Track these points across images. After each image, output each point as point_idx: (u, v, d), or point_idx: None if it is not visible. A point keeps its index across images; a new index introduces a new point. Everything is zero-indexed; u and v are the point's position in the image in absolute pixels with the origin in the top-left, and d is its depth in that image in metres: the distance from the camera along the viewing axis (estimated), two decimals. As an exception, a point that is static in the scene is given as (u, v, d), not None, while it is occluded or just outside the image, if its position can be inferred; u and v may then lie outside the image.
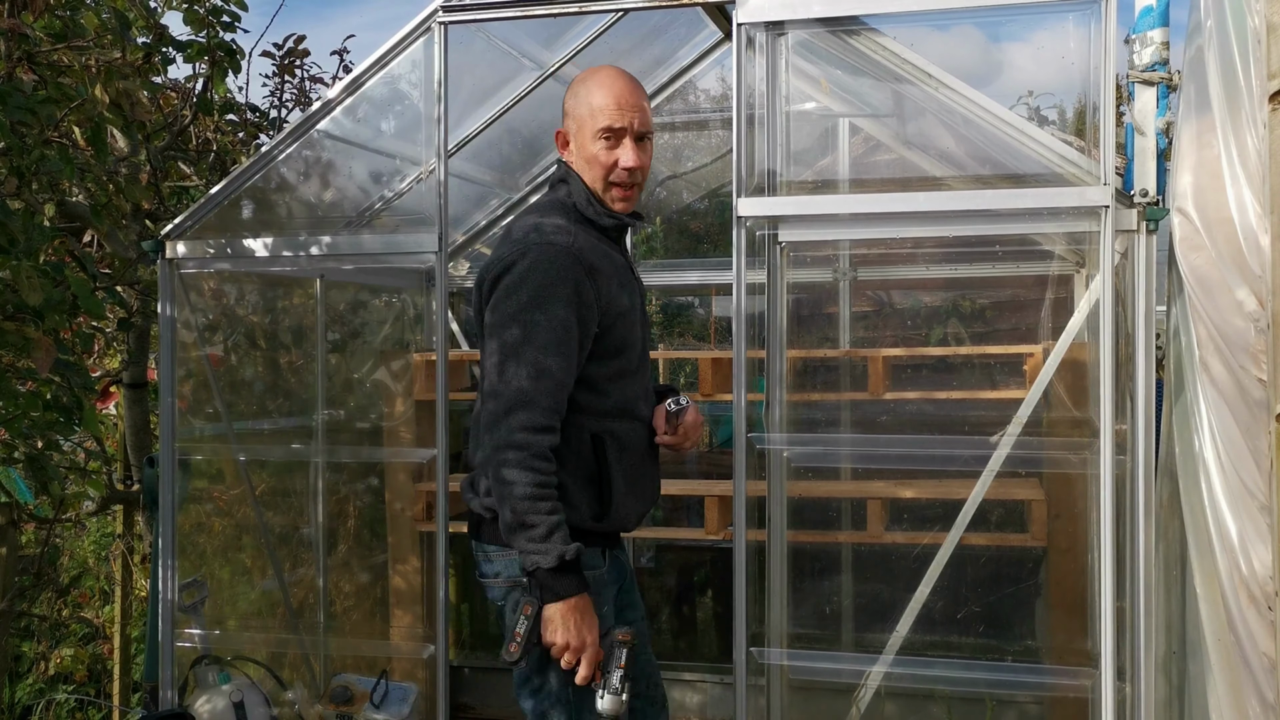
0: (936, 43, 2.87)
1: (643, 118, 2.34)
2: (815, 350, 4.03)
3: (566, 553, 2.12)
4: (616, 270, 2.32)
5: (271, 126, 4.87)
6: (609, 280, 2.27)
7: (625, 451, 2.32)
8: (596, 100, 2.31)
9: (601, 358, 2.27)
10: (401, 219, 3.79)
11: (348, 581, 4.23)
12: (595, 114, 2.31)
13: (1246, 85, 2.39)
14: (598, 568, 2.31)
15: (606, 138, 2.30)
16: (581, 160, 2.35)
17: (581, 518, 2.27)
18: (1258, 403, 2.38)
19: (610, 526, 2.34)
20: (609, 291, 2.27)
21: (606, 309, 2.26)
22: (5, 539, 3.82)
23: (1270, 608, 2.34)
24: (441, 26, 2.99)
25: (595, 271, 2.23)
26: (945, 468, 3.19)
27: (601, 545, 2.34)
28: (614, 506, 2.30)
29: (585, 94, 2.34)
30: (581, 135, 2.34)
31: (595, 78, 2.36)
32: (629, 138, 2.31)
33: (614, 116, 2.30)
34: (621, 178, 2.33)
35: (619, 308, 2.29)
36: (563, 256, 2.19)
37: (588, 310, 2.21)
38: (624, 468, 2.32)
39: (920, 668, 2.88)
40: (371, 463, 4.21)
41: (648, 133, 2.36)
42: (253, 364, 4.17)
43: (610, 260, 2.32)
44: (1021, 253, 3.74)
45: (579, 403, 2.25)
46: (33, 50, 3.07)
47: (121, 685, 4.42)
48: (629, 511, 2.36)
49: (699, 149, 4.96)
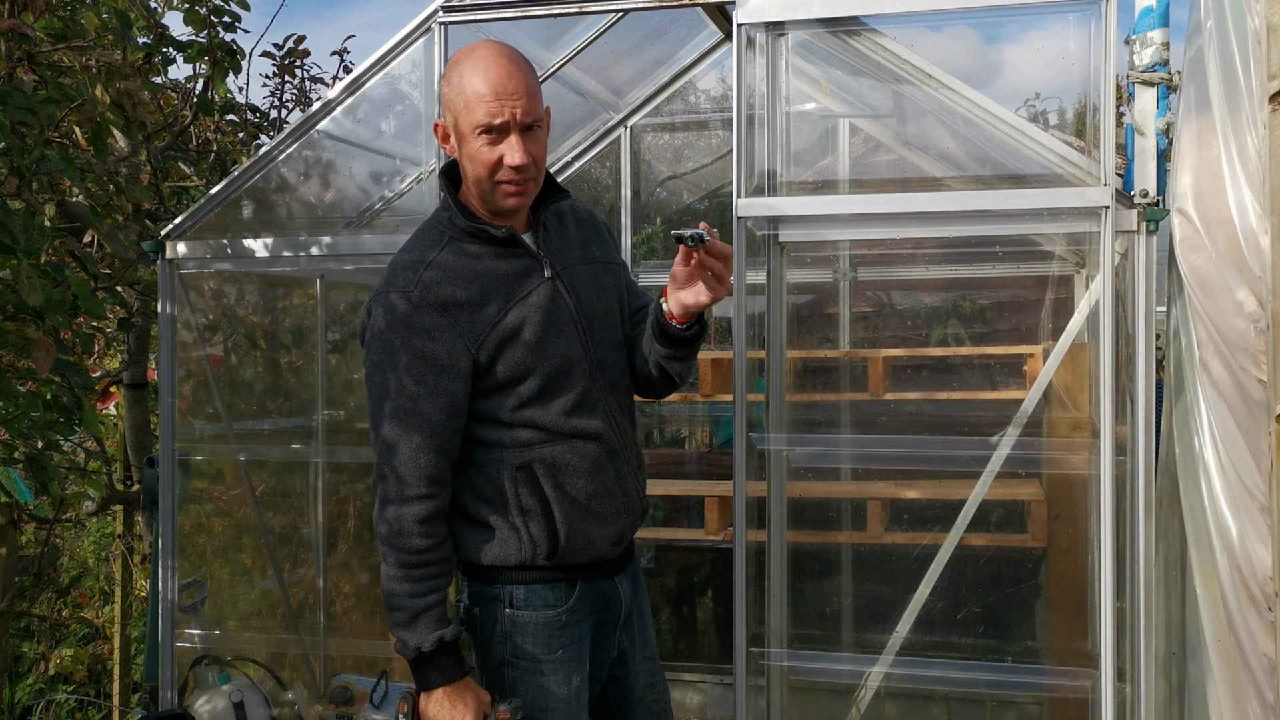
0: (936, 43, 2.87)
1: (527, 105, 2.01)
2: (815, 350, 4.04)
3: (424, 644, 1.99)
4: (502, 285, 2.07)
5: (272, 127, 4.88)
6: (479, 308, 2.04)
7: (566, 475, 2.10)
8: (470, 89, 2.01)
9: (499, 390, 2.07)
10: (401, 219, 3.78)
11: (348, 582, 4.23)
12: (470, 106, 2.00)
13: (1246, 86, 2.39)
14: (555, 607, 2.13)
15: (486, 133, 2.01)
16: (464, 158, 2.07)
17: (527, 556, 2.10)
18: (1258, 403, 2.38)
19: (570, 560, 2.12)
20: (480, 320, 2.04)
21: (481, 342, 2.04)
22: (5, 539, 3.82)
23: (1270, 608, 2.34)
24: (441, 27, 2.99)
25: (453, 307, 2.02)
26: (945, 468, 3.19)
27: (568, 578, 2.14)
28: (564, 539, 2.09)
29: (459, 80, 2.03)
30: (460, 130, 2.05)
31: (469, 60, 2.04)
32: (513, 133, 2.01)
33: (491, 111, 1.99)
34: (509, 176, 2.04)
35: (504, 332, 2.05)
36: (401, 306, 2.02)
37: (448, 355, 2.02)
38: (566, 493, 2.10)
39: (920, 668, 2.88)
40: (371, 463, 4.20)
41: (536, 120, 2.05)
42: (253, 364, 4.17)
43: (489, 279, 2.07)
44: (1021, 253, 3.74)
45: (491, 439, 2.09)
46: (33, 50, 3.07)
47: (121, 685, 4.42)
48: (591, 537, 2.13)
49: (699, 149, 4.96)
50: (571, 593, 2.15)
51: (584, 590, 2.17)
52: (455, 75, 2.05)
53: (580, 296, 2.16)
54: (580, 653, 2.17)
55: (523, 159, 2.02)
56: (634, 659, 2.30)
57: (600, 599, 2.21)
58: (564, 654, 2.14)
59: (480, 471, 2.11)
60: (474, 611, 2.17)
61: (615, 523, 2.17)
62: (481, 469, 2.11)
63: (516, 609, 2.13)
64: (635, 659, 2.30)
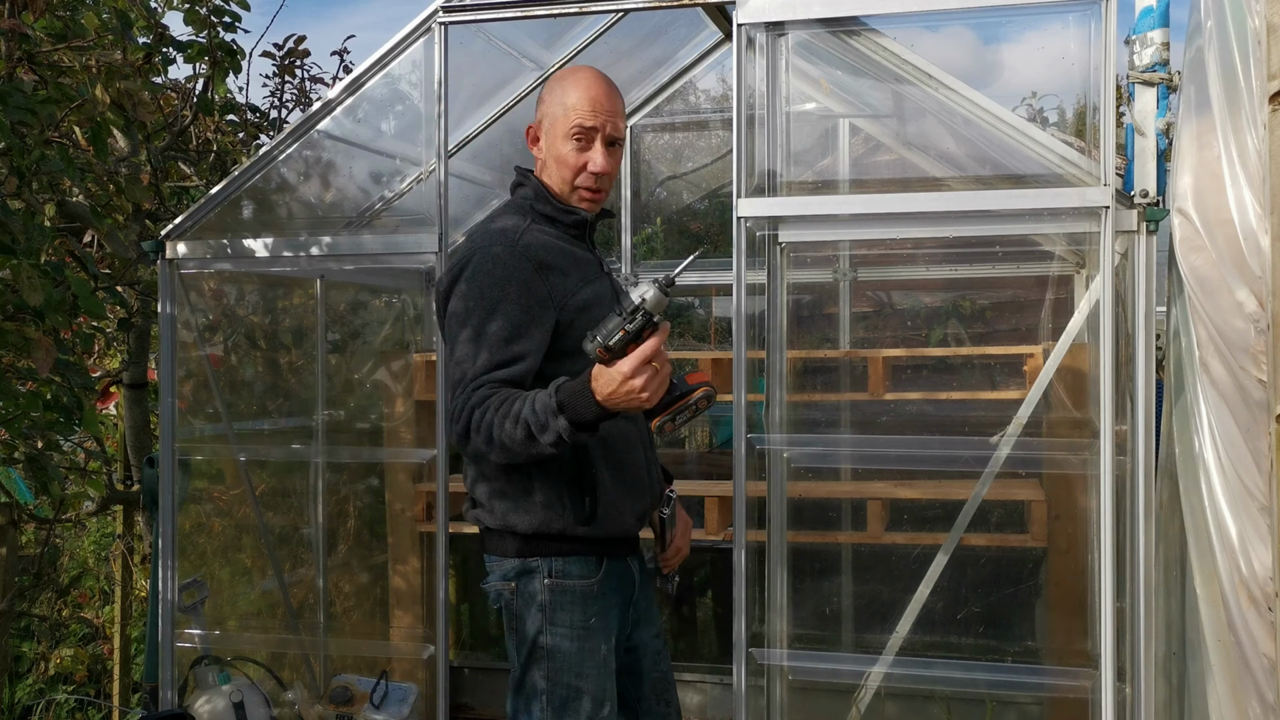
0: (936, 43, 2.87)
1: (615, 124, 2.31)
2: (815, 351, 4.04)
3: (548, 401, 2.02)
4: (577, 265, 2.29)
5: (272, 127, 4.88)
6: (564, 276, 2.24)
7: (609, 446, 2.26)
8: (572, 99, 2.28)
9: (569, 355, 2.19)
10: (402, 219, 3.78)
11: (348, 582, 4.23)
12: (569, 112, 2.28)
13: (1246, 86, 2.39)
14: (588, 577, 2.26)
15: (578, 137, 2.27)
16: (550, 158, 2.32)
17: (567, 524, 2.22)
18: (1258, 403, 2.38)
19: (603, 531, 2.26)
20: (564, 286, 2.23)
21: (563, 305, 2.22)
22: (5, 539, 3.82)
23: (1270, 608, 2.34)
24: (441, 27, 2.99)
25: (546, 268, 2.21)
26: (945, 468, 3.19)
27: (597, 553, 2.27)
28: (602, 506, 2.24)
29: (561, 91, 2.31)
30: (553, 133, 2.30)
31: (574, 76, 2.33)
32: (600, 140, 2.29)
33: (587, 115, 2.27)
34: (588, 182, 2.31)
35: (579, 302, 2.24)
36: (507, 255, 2.18)
37: (540, 305, 2.18)
38: (610, 463, 2.26)
39: (920, 668, 2.88)
40: (371, 463, 4.21)
41: (618, 139, 2.34)
42: (253, 364, 4.18)
43: (569, 256, 2.28)
44: (1021, 253, 3.74)
45: None
46: (33, 50, 3.07)
47: (121, 685, 4.42)
48: (623, 510, 2.29)
49: (699, 149, 4.96)
50: (600, 567, 2.29)
51: (609, 566, 2.31)
52: (559, 87, 2.32)
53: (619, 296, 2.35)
54: (609, 623, 2.32)
55: (604, 166, 2.30)
56: (643, 634, 2.46)
57: (620, 576, 2.36)
58: (596, 622, 2.28)
59: None
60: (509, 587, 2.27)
61: (641, 500, 2.35)
62: None
63: (555, 578, 2.25)
64: (644, 634, 2.47)
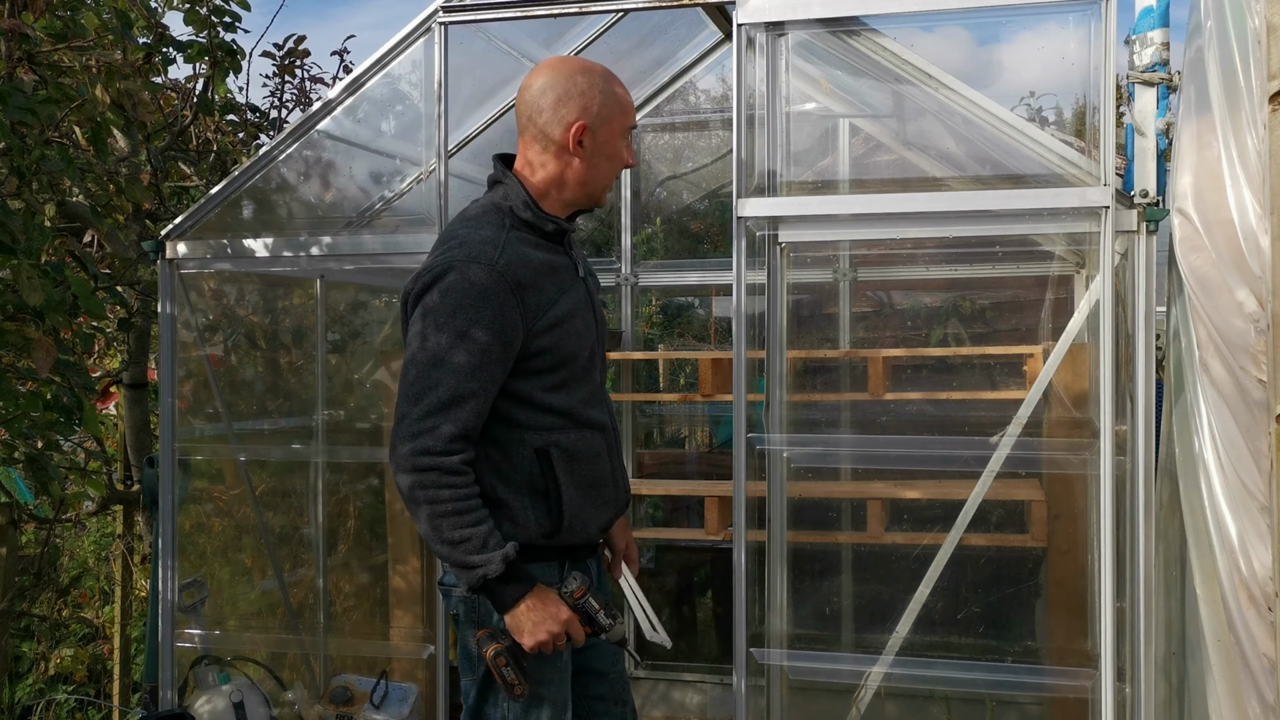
0: (936, 43, 2.87)
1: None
2: (815, 351, 4.04)
3: (507, 554, 2.06)
4: (554, 275, 2.22)
5: (272, 127, 4.88)
6: (541, 292, 2.17)
7: (575, 461, 2.22)
8: (621, 98, 2.25)
9: (539, 372, 2.17)
10: (401, 219, 3.78)
11: (348, 582, 4.23)
12: (625, 112, 2.25)
13: (1246, 86, 2.39)
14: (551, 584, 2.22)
15: (626, 136, 2.28)
16: (600, 156, 2.24)
17: (531, 535, 2.19)
18: (1258, 403, 2.38)
19: (566, 540, 2.25)
20: (540, 303, 2.16)
21: (536, 322, 2.15)
22: (5, 539, 3.82)
23: (1270, 608, 2.34)
24: (441, 27, 2.99)
25: (523, 287, 2.13)
26: (945, 468, 3.19)
27: (559, 558, 2.26)
28: (567, 520, 2.21)
29: (609, 90, 2.23)
30: (608, 131, 2.23)
31: (602, 74, 2.25)
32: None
33: (633, 113, 2.30)
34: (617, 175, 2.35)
35: (555, 317, 2.18)
36: (485, 277, 2.09)
37: (512, 331, 2.11)
38: (575, 478, 2.23)
39: (920, 668, 2.88)
40: (371, 463, 4.21)
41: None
42: (253, 364, 4.18)
43: (546, 267, 2.21)
44: (1021, 253, 3.74)
45: (518, 419, 2.17)
46: (33, 50, 3.07)
47: (121, 685, 4.42)
48: (588, 522, 2.27)
49: (699, 149, 4.96)
50: (561, 572, 2.26)
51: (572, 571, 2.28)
52: (603, 85, 2.23)
53: (593, 300, 2.36)
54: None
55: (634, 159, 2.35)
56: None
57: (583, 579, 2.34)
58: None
59: (502, 449, 2.18)
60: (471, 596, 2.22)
61: (607, 510, 2.32)
62: (504, 447, 2.18)
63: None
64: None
